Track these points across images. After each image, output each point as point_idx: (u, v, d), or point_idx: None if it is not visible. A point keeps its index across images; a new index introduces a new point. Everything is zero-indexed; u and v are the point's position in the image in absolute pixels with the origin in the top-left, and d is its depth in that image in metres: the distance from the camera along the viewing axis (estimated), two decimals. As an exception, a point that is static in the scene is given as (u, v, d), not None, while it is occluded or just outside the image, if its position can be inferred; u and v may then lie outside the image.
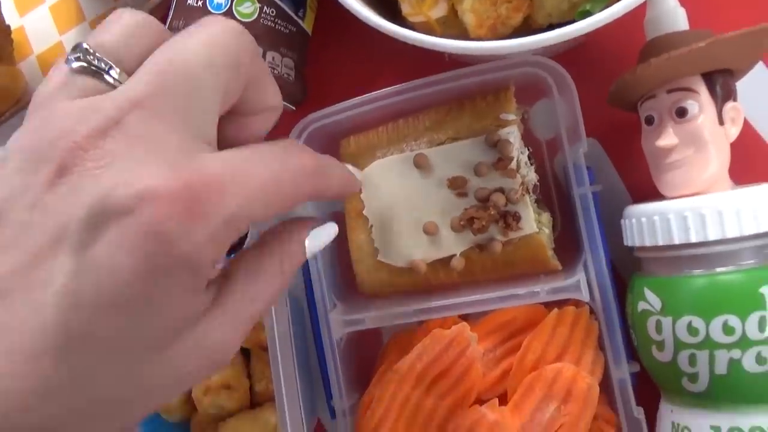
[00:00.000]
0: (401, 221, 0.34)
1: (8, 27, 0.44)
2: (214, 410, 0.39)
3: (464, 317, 0.37)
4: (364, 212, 0.36)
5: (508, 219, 0.32)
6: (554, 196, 0.39)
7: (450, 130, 0.34)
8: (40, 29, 0.51)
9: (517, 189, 0.32)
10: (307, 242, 0.24)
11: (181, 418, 0.42)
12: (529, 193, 0.33)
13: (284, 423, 0.35)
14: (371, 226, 0.35)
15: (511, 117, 0.33)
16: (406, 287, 0.36)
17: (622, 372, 0.34)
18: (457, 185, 0.33)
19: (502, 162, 0.32)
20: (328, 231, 0.25)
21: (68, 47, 0.50)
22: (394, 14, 0.34)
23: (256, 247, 0.22)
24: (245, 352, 0.41)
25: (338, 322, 0.37)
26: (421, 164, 0.34)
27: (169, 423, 0.43)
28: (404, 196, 0.34)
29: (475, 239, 0.33)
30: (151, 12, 0.44)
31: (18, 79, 0.49)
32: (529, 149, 0.33)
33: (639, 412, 0.33)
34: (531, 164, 0.34)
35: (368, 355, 0.40)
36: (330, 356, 0.37)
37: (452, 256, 0.34)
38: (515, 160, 0.32)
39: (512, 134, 0.32)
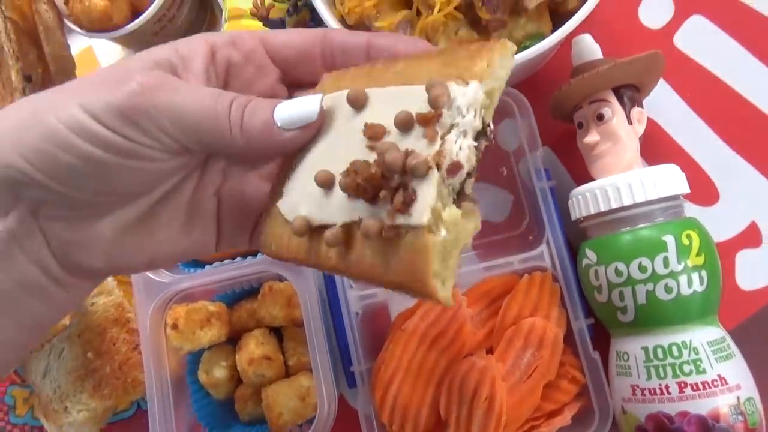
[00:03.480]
0: (309, 166, 0.28)
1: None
2: (256, 378, 0.51)
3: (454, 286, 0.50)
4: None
5: (398, 194, 0.23)
6: (521, 192, 0.53)
7: (413, 77, 0.26)
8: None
9: (422, 156, 0.23)
10: (276, 112, 0.27)
11: (226, 395, 0.54)
12: (440, 171, 0.23)
13: (319, 383, 0.47)
14: (293, 165, 0.29)
15: (473, 71, 0.24)
16: (292, 255, 0.28)
17: (580, 323, 0.46)
18: (372, 134, 0.25)
19: (426, 116, 0.23)
20: (304, 101, 0.27)
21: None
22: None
23: None
24: (278, 333, 0.54)
25: (355, 298, 0.50)
26: (354, 102, 0.26)
27: (216, 400, 0.55)
28: (326, 139, 0.27)
29: (362, 210, 0.24)
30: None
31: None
32: (488, 127, 0.25)
33: (595, 354, 0.46)
34: (474, 148, 0.25)
35: (378, 330, 0.53)
36: (349, 327, 0.50)
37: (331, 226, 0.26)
38: (447, 120, 0.23)
39: (463, 90, 0.24)
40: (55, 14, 0.55)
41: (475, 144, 0.24)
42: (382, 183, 0.23)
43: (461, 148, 0.24)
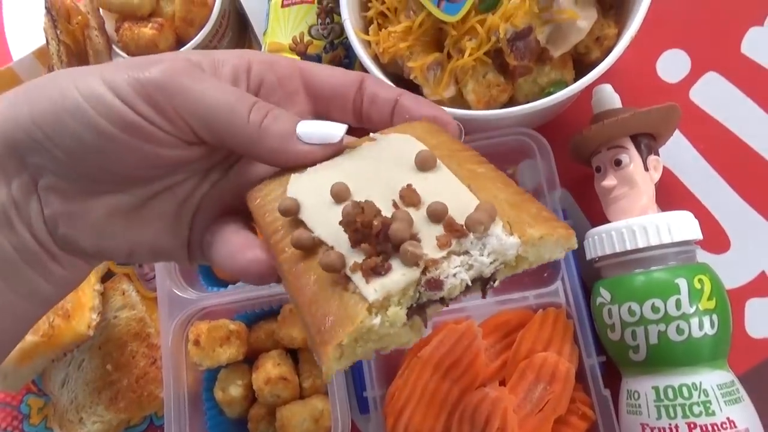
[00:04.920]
0: (340, 168, 0.28)
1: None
2: (272, 398, 0.52)
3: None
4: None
5: (375, 258, 0.23)
6: (539, 231, 0.55)
7: (480, 186, 0.26)
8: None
9: (421, 252, 0.22)
10: (299, 126, 0.27)
11: (240, 413, 0.55)
12: (423, 276, 0.22)
13: (334, 406, 0.48)
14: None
15: (517, 237, 0.23)
16: (262, 219, 0.28)
17: (592, 361, 0.48)
18: (405, 196, 0.25)
19: (454, 226, 0.23)
20: (329, 124, 0.27)
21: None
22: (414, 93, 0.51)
23: None
24: (294, 355, 0.55)
25: (373, 324, 0.52)
26: (421, 163, 0.26)
27: (229, 419, 0.56)
28: (377, 165, 0.27)
29: (338, 241, 0.24)
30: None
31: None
32: (491, 283, 0.24)
33: (606, 392, 0.47)
34: (467, 276, 0.23)
35: (391, 358, 0.54)
36: (366, 353, 0.51)
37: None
38: (466, 243, 0.23)
39: (502, 237, 0.23)
40: (104, 40, 0.58)
41: (469, 284, 0.23)
42: (372, 239, 0.23)
43: (455, 276, 0.23)
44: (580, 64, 0.49)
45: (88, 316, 0.57)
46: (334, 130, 0.27)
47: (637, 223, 0.44)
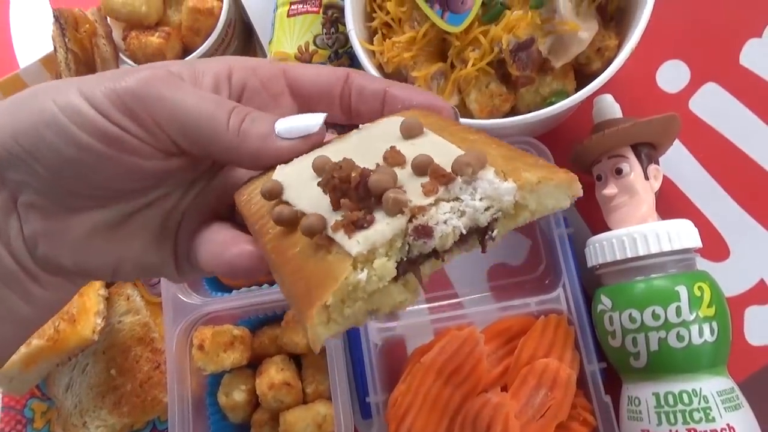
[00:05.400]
0: (326, 152, 0.26)
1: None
2: (275, 403, 0.52)
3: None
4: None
5: (356, 213, 0.21)
6: (539, 238, 0.55)
7: (474, 145, 0.25)
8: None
9: (405, 199, 0.21)
10: (278, 123, 0.26)
11: (243, 418, 0.55)
12: (410, 223, 0.21)
13: (338, 410, 0.49)
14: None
15: (521, 177, 0.22)
16: (247, 209, 0.27)
17: (593, 367, 0.48)
18: (390, 158, 0.23)
19: (439, 171, 0.21)
20: (307, 116, 0.26)
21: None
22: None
23: None
24: (296, 360, 0.55)
25: (376, 330, 0.52)
26: (406, 131, 0.25)
27: (232, 424, 0.56)
28: (361, 138, 0.27)
29: (321, 207, 0.23)
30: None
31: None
32: (490, 233, 0.22)
33: (607, 398, 0.47)
34: (460, 234, 0.22)
35: (394, 364, 0.54)
36: (368, 358, 0.52)
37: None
38: (454, 188, 0.21)
39: (495, 182, 0.22)
40: (112, 48, 0.59)
41: (463, 231, 0.21)
42: (351, 194, 0.22)
43: (445, 223, 0.21)
44: (581, 74, 0.50)
45: (93, 320, 0.57)
46: (312, 120, 0.27)
47: (638, 231, 0.44)
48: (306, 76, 0.30)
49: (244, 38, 0.65)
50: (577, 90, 0.47)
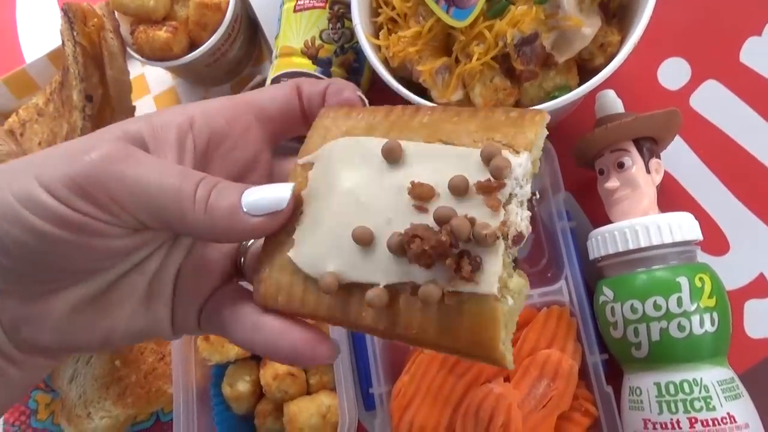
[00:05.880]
0: (336, 216, 0.27)
1: (134, 107, 0.64)
2: (279, 394, 0.53)
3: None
4: (303, 192, 0.28)
5: (464, 262, 0.23)
6: (541, 232, 0.56)
7: (448, 134, 0.26)
8: (146, 113, 0.70)
9: (492, 227, 0.23)
10: (244, 196, 0.25)
11: (247, 409, 0.56)
12: (506, 241, 0.24)
13: (342, 400, 0.49)
14: (302, 212, 0.28)
15: (523, 142, 0.25)
16: (304, 309, 0.27)
17: (595, 358, 0.49)
18: (420, 194, 0.25)
19: (488, 185, 0.24)
20: (274, 189, 0.26)
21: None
22: (423, 98, 0.52)
23: None
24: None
25: (380, 322, 0.52)
26: (390, 155, 0.26)
27: (236, 415, 0.56)
28: (355, 189, 0.26)
29: (412, 273, 0.24)
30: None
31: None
32: (535, 196, 0.27)
33: (608, 388, 0.48)
34: (526, 209, 0.25)
35: (396, 355, 0.54)
36: (371, 350, 0.52)
37: (373, 286, 0.25)
38: (507, 190, 0.24)
39: (518, 161, 0.24)
40: (119, 42, 0.59)
41: (528, 207, 0.25)
42: (448, 251, 0.23)
43: (521, 219, 0.24)
44: (584, 69, 0.50)
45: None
46: (280, 193, 0.26)
47: (640, 224, 0.45)
48: (266, 99, 0.30)
49: (249, 33, 0.66)
50: (579, 85, 0.48)
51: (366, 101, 0.31)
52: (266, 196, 0.26)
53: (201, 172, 0.26)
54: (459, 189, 0.24)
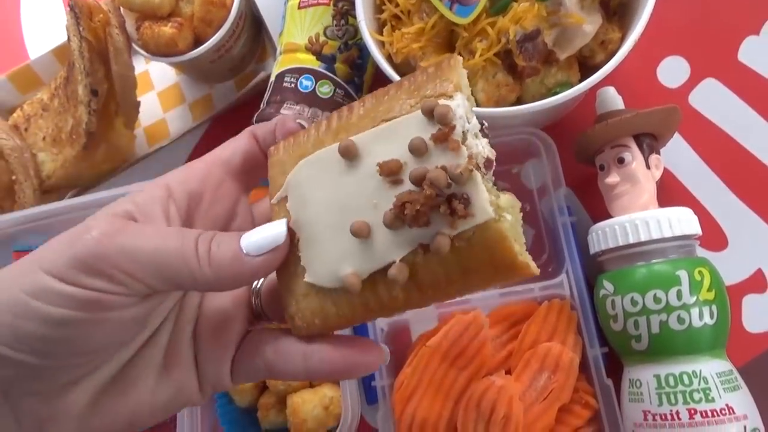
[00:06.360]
0: (328, 227, 0.28)
1: (138, 102, 0.64)
2: (282, 386, 0.53)
3: (477, 310, 0.53)
4: (291, 224, 0.29)
5: (454, 203, 0.25)
6: (542, 228, 0.56)
7: (386, 113, 0.28)
8: (150, 108, 0.71)
9: (462, 164, 0.25)
10: (242, 240, 0.27)
11: (249, 402, 0.56)
12: (480, 170, 0.25)
13: (345, 392, 0.50)
14: (298, 240, 0.29)
15: (450, 87, 0.26)
16: (343, 318, 0.28)
17: (595, 351, 0.49)
18: (389, 170, 0.26)
19: (441, 133, 0.25)
20: (269, 227, 0.27)
21: (170, 124, 0.70)
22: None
23: None
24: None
25: (382, 315, 0.53)
26: (348, 153, 0.27)
27: (239, 408, 0.57)
28: (332, 196, 0.28)
29: (416, 237, 0.26)
30: (250, 91, 0.64)
31: (132, 144, 0.68)
32: (482, 123, 0.27)
33: (609, 381, 0.48)
34: (482, 137, 0.27)
35: (399, 349, 0.55)
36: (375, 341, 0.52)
37: (391, 265, 0.26)
38: (459, 129, 0.25)
39: (455, 102, 0.26)
40: (124, 38, 0.60)
41: (483, 134, 0.27)
42: (437, 201, 0.25)
43: (482, 147, 0.26)
44: (585, 66, 0.51)
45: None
46: (276, 229, 0.28)
47: (639, 218, 0.46)
48: (229, 153, 0.32)
49: (253, 30, 0.66)
50: (581, 81, 0.48)
51: (305, 125, 0.33)
52: (264, 236, 0.27)
53: (195, 230, 0.28)
54: (420, 149, 0.26)
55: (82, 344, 0.25)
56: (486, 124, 0.28)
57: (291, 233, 0.29)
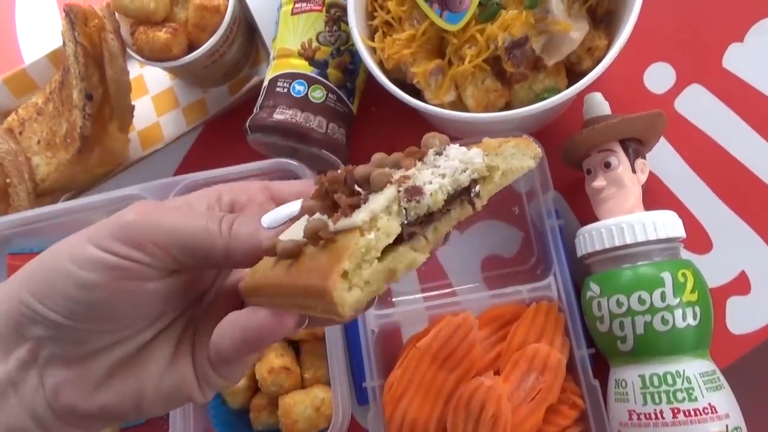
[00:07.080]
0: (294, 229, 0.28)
1: (133, 106, 0.65)
2: (274, 387, 0.54)
3: (467, 312, 0.54)
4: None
5: (343, 198, 0.24)
6: (531, 231, 0.57)
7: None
8: (144, 112, 0.71)
9: (389, 172, 0.24)
10: (263, 219, 0.29)
11: (241, 404, 0.57)
12: (400, 190, 0.23)
13: (336, 393, 0.50)
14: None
15: (483, 144, 0.26)
16: (265, 280, 0.27)
17: (582, 352, 0.50)
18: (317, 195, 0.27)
19: (412, 151, 0.25)
20: (286, 206, 0.30)
21: (164, 128, 0.70)
22: (416, 98, 0.54)
23: None
24: (295, 346, 0.57)
25: (373, 317, 0.54)
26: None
27: (231, 409, 0.57)
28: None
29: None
30: (243, 96, 0.65)
31: (126, 147, 0.69)
32: (474, 195, 0.25)
33: (595, 381, 0.49)
34: (448, 193, 0.24)
35: (389, 351, 0.56)
36: (365, 344, 0.53)
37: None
38: (428, 159, 0.25)
39: (463, 149, 0.25)
40: (119, 43, 0.60)
41: (449, 189, 0.24)
42: (343, 189, 0.24)
43: (431, 183, 0.24)
44: (573, 72, 0.52)
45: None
46: (293, 207, 0.30)
47: (625, 221, 0.47)
48: (284, 188, 0.35)
49: (247, 36, 0.67)
50: (568, 87, 0.49)
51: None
52: (282, 211, 0.30)
53: (221, 212, 0.30)
54: (394, 163, 0.25)
55: (108, 310, 0.28)
56: (478, 190, 0.25)
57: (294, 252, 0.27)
